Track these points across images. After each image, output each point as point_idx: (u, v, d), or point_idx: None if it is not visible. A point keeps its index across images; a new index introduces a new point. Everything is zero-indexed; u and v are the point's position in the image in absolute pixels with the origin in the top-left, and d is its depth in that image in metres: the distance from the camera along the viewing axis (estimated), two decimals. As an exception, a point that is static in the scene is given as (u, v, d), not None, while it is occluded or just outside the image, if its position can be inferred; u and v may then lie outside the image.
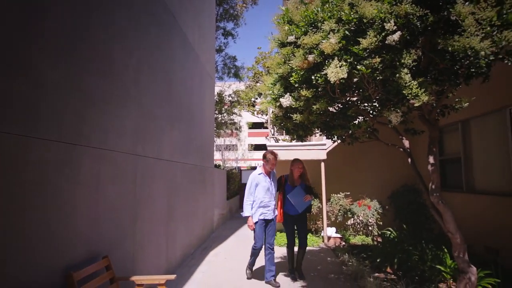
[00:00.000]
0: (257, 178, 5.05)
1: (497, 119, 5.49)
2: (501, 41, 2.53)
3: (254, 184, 5.01)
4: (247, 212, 4.97)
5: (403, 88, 2.89)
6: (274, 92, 4.09)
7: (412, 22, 2.78)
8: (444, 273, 4.43)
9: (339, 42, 3.08)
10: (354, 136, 4.84)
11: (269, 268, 4.95)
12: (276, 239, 7.75)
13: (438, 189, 3.79)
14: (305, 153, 7.81)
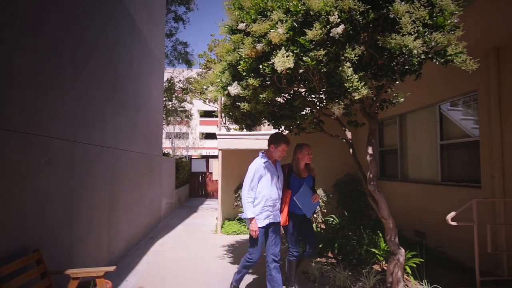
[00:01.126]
0: (261, 168, 3.87)
1: (429, 114, 5.96)
2: (431, 41, 2.73)
3: (257, 177, 3.84)
4: (250, 213, 3.71)
5: (345, 81, 3.00)
6: (222, 80, 4.04)
7: (354, 18, 2.89)
8: (378, 255, 4.77)
9: (286, 32, 3.11)
10: (301, 127, 4.97)
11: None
12: (224, 228, 7.82)
13: (375, 178, 4.04)
14: (255, 142, 7.87)
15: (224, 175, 8.47)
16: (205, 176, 17.12)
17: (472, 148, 4.95)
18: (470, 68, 2.86)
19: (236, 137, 7.92)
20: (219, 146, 7.92)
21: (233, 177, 8.68)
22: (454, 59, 2.88)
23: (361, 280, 4.12)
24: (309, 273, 4.58)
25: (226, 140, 7.89)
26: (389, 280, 3.92)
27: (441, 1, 2.80)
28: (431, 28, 2.82)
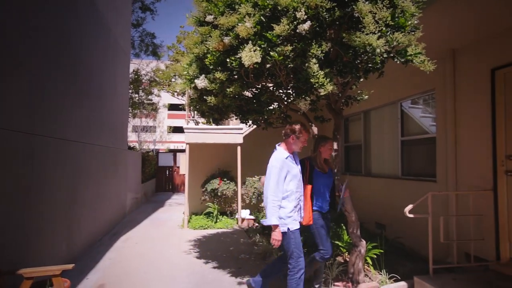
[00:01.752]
0: (286, 164, 3.33)
1: (391, 111, 6.20)
2: (392, 41, 2.83)
3: (283, 174, 3.28)
4: (275, 219, 3.13)
5: (311, 77, 3.05)
6: (189, 73, 3.98)
7: (321, 15, 2.93)
8: (341, 247, 4.92)
9: (254, 26, 3.10)
10: (268, 122, 5.00)
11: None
12: (191, 223, 7.75)
13: (340, 172, 4.15)
14: (223, 136, 7.84)
15: (191, 170, 8.36)
16: (173, 170, 16.84)
17: (430, 144, 5.21)
18: (428, 69, 3.00)
19: (204, 131, 7.84)
20: (187, 140, 7.80)
21: (200, 172, 8.59)
22: (413, 59, 3.00)
23: (324, 271, 4.23)
24: (274, 266, 4.63)
25: (194, 134, 7.79)
26: (350, 271, 4.07)
27: (402, 3, 2.91)
28: (393, 28, 2.93)
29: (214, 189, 7.95)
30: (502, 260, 3.97)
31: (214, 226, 7.66)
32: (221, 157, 8.74)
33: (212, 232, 7.26)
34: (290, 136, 3.40)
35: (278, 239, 3.17)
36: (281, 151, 3.42)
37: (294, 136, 3.39)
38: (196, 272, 4.67)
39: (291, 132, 3.39)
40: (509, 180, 3.95)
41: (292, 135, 3.39)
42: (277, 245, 3.22)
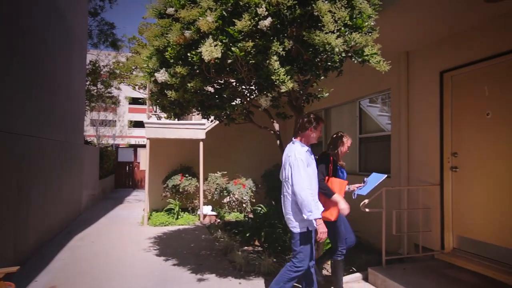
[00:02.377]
0: (308, 157, 3.15)
1: (350, 109, 6.42)
2: (350, 41, 2.92)
3: (306, 165, 3.07)
4: (318, 212, 2.94)
5: (272, 74, 3.07)
6: (149, 66, 3.85)
7: (282, 12, 2.95)
8: (301, 242, 5.03)
9: (215, 21, 3.06)
10: (230, 117, 4.98)
11: None
12: (151, 219, 7.56)
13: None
14: (185, 132, 7.70)
15: (152, 165, 8.14)
16: (133, 166, 16.31)
17: (385, 141, 5.46)
18: (383, 69, 3.13)
19: (165, 126, 7.65)
20: (147, 135, 7.58)
21: (162, 167, 8.40)
22: (370, 59, 3.11)
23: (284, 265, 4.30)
24: (235, 262, 4.65)
25: (155, 129, 7.59)
26: (309, 264, 4.17)
27: (360, 4, 3.00)
28: (351, 29, 3.01)
29: (175, 185, 7.81)
30: (446, 249, 4.27)
31: (175, 222, 7.54)
32: (183, 152, 8.60)
33: (173, 228, 7.14)
34: (308, 128, 3.21)
35: (325, 230, 2.94)
36: (300, 145, 3.20)
37: (312, 128, 3.21)
38: (155, 270, 4.57)
39: (309, 124, 3.21)
40: (454, 175, 4.25)
41: (310, 127, 3.21)
42: (325, 237, 2.99)
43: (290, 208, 3.08)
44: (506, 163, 3.63)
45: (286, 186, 3.14)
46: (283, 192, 3.22)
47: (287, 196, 3.13)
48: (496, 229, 3.74)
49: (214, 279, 4.24)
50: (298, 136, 3.27)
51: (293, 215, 3.05)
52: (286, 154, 3.22)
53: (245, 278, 4.24)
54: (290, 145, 3.26)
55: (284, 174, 3.16)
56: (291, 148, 3.18)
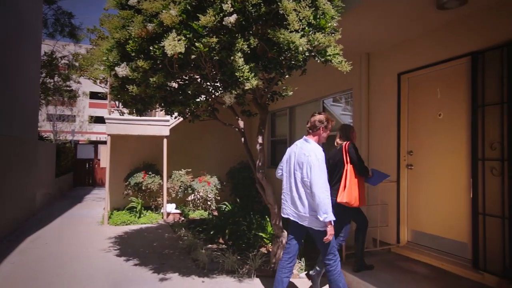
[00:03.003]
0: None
1: (314, 108, 6.55)
2: (314, 40, 2.97)
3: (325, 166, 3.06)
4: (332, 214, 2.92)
5: (236, 71, 3.05)
6: (109, 59, 3.70)
7: (247, 9, 2.94)
8: (264, 239, 5.09)
9: (179, 15, 3.00)
10: (195, 114, 4.90)
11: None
12: (112, 218, 7.32)
13: (264, 166, 4.26)
14: (148, 128, 7.49)
15: (113, 163, 7.85)
16: (94, 163, 15.63)
17: (347, 140, 5.63)
18: (345, 69, 3.21)
19: (128, 122, 7.40)
20: (108, 131, 7.29)
21: (124, 165, 8.12)
22: (332, 59, 3.19)
23: (248, 263, 4.33)
24: (199, 260, 4.60)
25: (116, 125, 7.31)
26: (272, 261, 4.23)
27: (324, 5, 3.06)
28: (315, 28, 3.07)
29: (138, 183, 7.58)
30: (401, 243, 4.49)
31: (137, 221, 7.32)
32: (146, 149, 8.37)
33: (135, 227, 6.93)
34: (320, 127, 3.21)
35: (333, 232, 2.97)
36: (315, 143, 3.17)
37: (323, 127, 3.22)
38: (115, 271, 4.41)
39: (320, 123, 3.21)
40: (409, 173, 4.47)
41: (321, 126, 3.21)
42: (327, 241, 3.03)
43: (311, 207, 3.00)
44: (453, 161, 3.88)
45: (304, 185, 3.04)
46: (298, 192, 3.10)
47: (306, 196, 3.03)
48: (444, 223, 3.98)
49: (177, 278, 4.17)
50: (311, 135, 3.25)
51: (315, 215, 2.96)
52: (301, 152, 3.13)
53: (208, 276, 4.21)
54: (304, 143, 3.20)
55: (302, 173, 3.04)
56: (308, 148, 3.10)
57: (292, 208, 3.18)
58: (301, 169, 3.05)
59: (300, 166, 3.08)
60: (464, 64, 3.78)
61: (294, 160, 3.19)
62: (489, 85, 3.43)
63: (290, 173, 3.22)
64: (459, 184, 3.81)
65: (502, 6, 3.33)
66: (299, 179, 3.08)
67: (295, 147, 3.27)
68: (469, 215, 3.65)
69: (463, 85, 3.80)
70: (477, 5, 3.45)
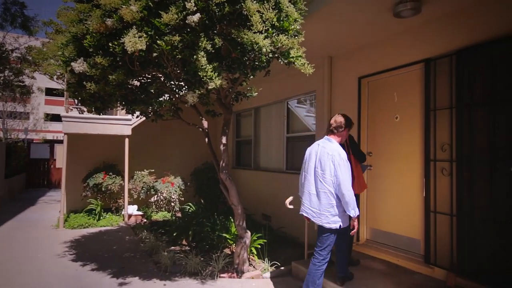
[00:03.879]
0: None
1: (279, 109, 6.63)
2: (277, 42, 3.00)
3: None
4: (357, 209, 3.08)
5: (199, 70, 3.01)
6: (65, 54, 3.52)
7: (211, 8, 2.91)
8: (228, 239, 5.07)
9: (140, 11, 2.91)
10: (158, 113, 4.79)
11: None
12: (69, 222, 6.97)
13: (227, 167, 4.24)
14: (109, 127, 7.21)
15: (71, 163, 7.47)
16: (49, 163, 14.79)
17: (311, 141, 5.74)
18: (308, 72, 3.27)
19: (87, 120, 7.08)
20: (65, 129, 6.93)
21: (82, 165, 7.76)
22: (295, 62, 3.23)
23: (211, 264, 4.29)
24: (161, 263, 4.50)
25: (74, 124, 6.97)
26: (236, 262, 4.22)
27: (287, 8, 3.10)
28: (278, 30, 3.10)
29: (97, 184, 7.27)
30: (361, 241, 4.66)
31: (96, 224, 7.01)
32: (107, 149, 8.04)
33: (94, 230, 6.64)
34: (345, 129, 3.31)
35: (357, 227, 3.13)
36: (337, 143, 3.23)
37: (348, 129, 3.38)
38: (70, 277, 4.20)
39: (347, 126, 3.33)
40: (369, 173, 4.65)
41: (346, 128, 3.33)
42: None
43: (328, 204, 3.04)
44: (409, 162, 4.09)
45: (323, 183, 3.07)
46: (316, 189, 3.13)
47: (325, 193, 3.06)
48: (400, 221, 4.19)
49: (137, 282, 4.04)
50: (335, 135, 3.28)
51: (330, 212, 3.04)
52: (323, 151, 3.15)
53: (170, 279, 4.12)
54: (327, 143, 3.22)
55: (325, 172, 3.06)
56: (332, 147, 3.14)
57: (309, 205, 3.19)
58: (323, 168, 3.08)
59: (322, 165, 3.11)
60: (418, 70, 3.99)
61: (315, 159, 3.20)
62: (440, 90, 3.65)
63: (309, 171, 3.22)
64: (414, 184, 4.01)
65: (451, 17, 3.56)
66: (320, 177, 3.10)
67: (316, 147, 3.28)
68: (422, 213, 3.86)
69: (417, 90, 4.01)
70: (430, 15, 3.66)
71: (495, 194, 3.12)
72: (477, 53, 3.30)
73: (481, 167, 3.24)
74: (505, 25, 3.11)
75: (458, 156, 3.43)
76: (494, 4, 3.21)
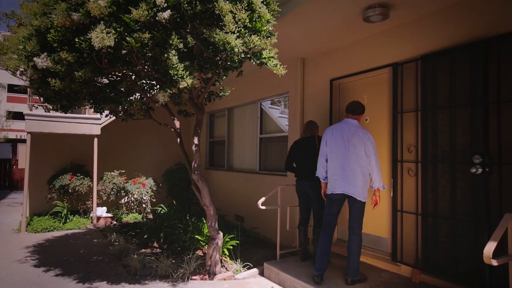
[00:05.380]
0: None
1: (252, 110, 6.64)
2: (250, 43, 2.99)
3: None
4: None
5: (170, 69, 2.96)
6: (27, 48, 3.35)
7: (182, 6, 2.87)
8: (201, 241, 5.00)
9: (109, 6, 2.82)
10: (128, 113, 4.66)
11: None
12: (32, 225, 6.64)
13: (200, 167, 4.19)
14: (76, 126, 6.95)
15: (35, 163, 7.13)
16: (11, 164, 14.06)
17: (283, 142, 5.79)
18: (280, 73, 3.29)
19: (52, 119, 6.78)
20: (28, 128, 6.60)
21: (47, 166, 7.42)
22: (268, 62, 3.24)
23: (183, 266, 4.22)
24: (130, 266, 4.37)
25: (38, 122, 6.66)
26: (208, 263, 4.18)
27: (260, 9, 3.10)
28: (251, 31, 3.09)
29: (64, 185, 6.96)
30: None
31: (62, 227, 6.72)
32: (74, 149, 7.74)
33: (59, 234, 6.36)
34: (360, 115, 3.65)
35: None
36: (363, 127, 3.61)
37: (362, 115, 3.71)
38: (32, 283, 3.99)
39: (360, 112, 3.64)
40: (340, 174, 4.72)
41: (361, 114, 3.67)
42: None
43: (361, 181, 3.42)
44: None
45: (357, 162, 3.41)
46: (352, 168, 3.42)
47: (358, 171, 3.40)
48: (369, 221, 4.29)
49: (105, 286, 3.90)
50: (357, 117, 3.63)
51: (363, 187, 3.42)
52: (356, 131, 3.48)
53: (140, 282, 4.01)
54: (357, 124, 3.57)
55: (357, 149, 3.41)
56: (363, 130, 3.52)
57: (343, 183, 3.45)
58: (356, 146, 3.42)
59: (355, 143, 3.43)
60: (387, 74, 4.11)
61: (348, 137, 3.48)
62: (407, 94, 3.78)
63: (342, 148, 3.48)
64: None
65: (417, 23, 3.70)
66: (354, 154, 3.42)
67: (345, 125, 3.57)
68: (389, 213, 3.98)
69: (386, 93, 4.14)
70: (398, 21, 3.79)
71: (456, 193, 3.27)
72: (439, 59, 3.45)
73: (443, 168, 3.38)
74: (465, 33, 3.27)
75: (423, 157, 3.56)
76: (454, 13, 3.36)
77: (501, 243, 2.24)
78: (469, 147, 3.18)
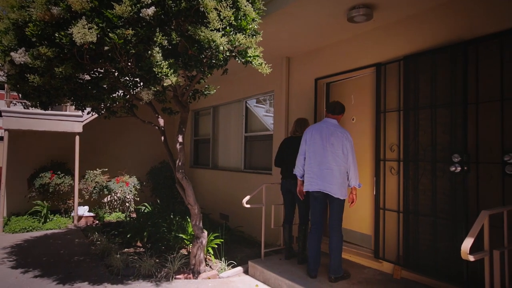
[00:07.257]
0: None
1: (237, 108, 6.62)
2: (235, 41, 2.99)
3: None
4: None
5: (154, 66, 2.92)
6: (3, 42, 3.24)
7: (167, 2, 2.83)
8: (185, 240, 4.97)
9: (90, 1, 2.76)
10: (111, 110, 4.57)
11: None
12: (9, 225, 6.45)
13: (184, 166, 4.15)
14: (57, 124, 6.78)
15: (13, 161, 6.92)
16: (-11, 162, 13.59)
17: (268, 140, 5.81)
18: (265, 71, 3.30)
19: (32, 116, 6.59)
20: (5, 125, 6.40)
21: (27, 164, 7.21)
22: (253, 61, 3.25)
23: (166, 266, 4.18)
24: (113, 266, 4.30)
25: (17, 119, 6.46)
26: (192, 262, 4.15)
27: (245, 7, 3.09)
28: (236, 29, 3.09)
29: (44, 184, 6.79)
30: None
31: (42, 227, 6.56)
32: (55, 147, 7.55)
33: (39, 234, 6.20)
34: (340, 114, 3.72)
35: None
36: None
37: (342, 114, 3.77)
38: (9, 285, 3.88)
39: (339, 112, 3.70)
40: (324, 172, 4.77)
41: (341, 114, 3.73)
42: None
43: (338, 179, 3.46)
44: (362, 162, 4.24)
45: (334, 160, 3.47)
46: (328, 166, 3.47)
47: (335, 169, 3.46)
48: (354, 218, 4.36)
49: (86, 287, 3.83)
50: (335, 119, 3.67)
51: (340, 185, 3.46)
52: (335, 130, 3.53)
53: (123, 282, 3.96)
54: (336, 123, 3.62)
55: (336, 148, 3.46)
56: (341, 129, 3.57)
57: (319, 181, 3.51)
58: (334, 145, 3.47)
59: (333, 141, 3.49)
60: (371, 73, 4.17)
61: (326, 136, 3.53)
62: (390, 93, 3.84)
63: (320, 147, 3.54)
64: (366, 182, 4.19)
65: (400, 24, 3.77)
66: (332, 152, 3.48)
67: (324, 124, 3.63)
68: (372, 210, 4.04)
69: (370, 92, 4.20)
70: (381, 22, 3.85)
71: (436, 191, 3.35)
72: (421, 60, 3.52)
73: (424, 167, 3.46)
74: (445, 35, 3.35)
75: (404, 156, 3.63)
76: (435, 15, 3.44)
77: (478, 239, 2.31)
78: (449, 146, 3.26)
